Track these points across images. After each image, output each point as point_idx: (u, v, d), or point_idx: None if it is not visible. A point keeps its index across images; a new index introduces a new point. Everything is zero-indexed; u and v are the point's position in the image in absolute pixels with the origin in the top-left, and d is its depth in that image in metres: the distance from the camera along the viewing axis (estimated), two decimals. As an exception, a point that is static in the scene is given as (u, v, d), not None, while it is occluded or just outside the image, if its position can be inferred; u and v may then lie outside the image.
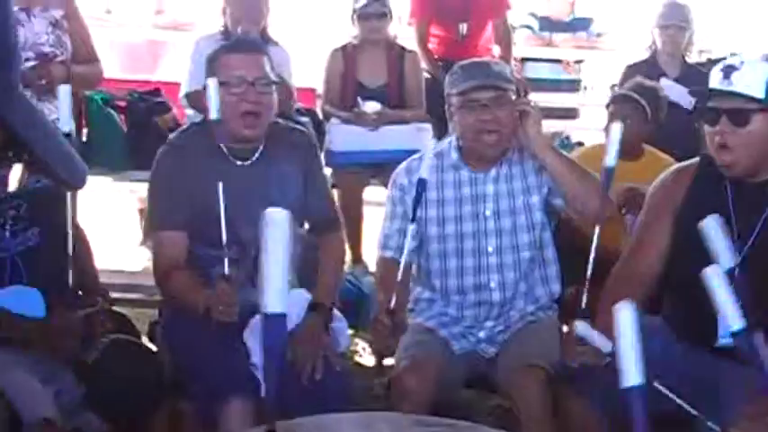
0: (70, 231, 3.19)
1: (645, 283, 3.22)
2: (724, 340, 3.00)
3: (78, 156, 2.61)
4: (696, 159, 3.30)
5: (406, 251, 3.28)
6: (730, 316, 2.42)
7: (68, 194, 3.24)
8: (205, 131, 3.38)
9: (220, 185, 3.12)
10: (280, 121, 3.52)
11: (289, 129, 3.56)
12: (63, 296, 3.16)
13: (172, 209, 3.36)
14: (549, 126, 7.21)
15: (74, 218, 3.54)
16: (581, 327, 2.85)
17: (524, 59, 7.82)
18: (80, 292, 3.35)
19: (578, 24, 7.94)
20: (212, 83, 3.21)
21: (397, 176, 3.58)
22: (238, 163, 3.39)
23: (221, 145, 3.35)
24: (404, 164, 3.61)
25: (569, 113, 8.01)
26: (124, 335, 3.35)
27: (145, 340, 3.73)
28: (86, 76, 4.59)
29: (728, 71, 3.01)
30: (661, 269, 3.21)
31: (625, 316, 2.01)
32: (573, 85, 8.11)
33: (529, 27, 7.87)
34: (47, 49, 4.32)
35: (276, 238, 1.97)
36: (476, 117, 3.42)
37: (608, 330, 3.08)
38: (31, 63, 4.24)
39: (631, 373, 1.95)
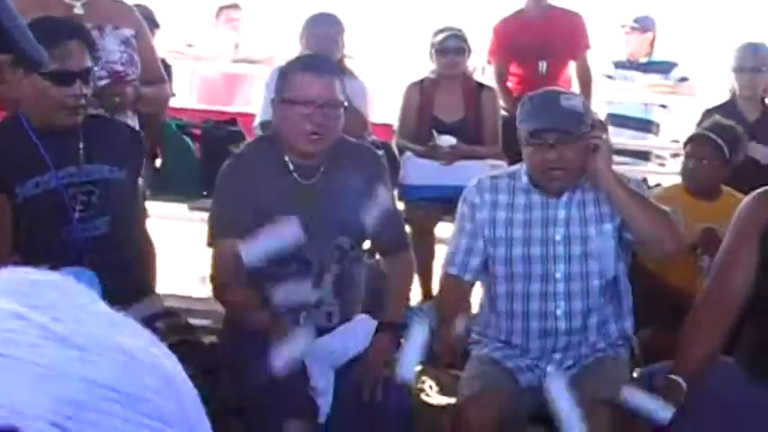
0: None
1: (731, 310, 3.12)
2: None
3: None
4: None
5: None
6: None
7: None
8: (271, 145, 3.37)
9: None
10: (350, 139, 3.47)
11: (356, 146, 3.52)
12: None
13: (233, 217, 3.31)
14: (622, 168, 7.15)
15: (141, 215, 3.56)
16: (629, 394, 2.69)
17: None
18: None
19: (656, 67, 7.84)
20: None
21: (468, 194, 3.53)
22: (303, 181, 3.34)
23: (287, 160, 3.32)
24: (475, 180, 3.57)
25: (642, 155, 7.90)
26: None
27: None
28: (155, 98, 4.60)
29: None
30: (747, 293, 3.10)
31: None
32: (648, 126, 8.00)
33: (609, 77, 7.79)
34: (119, 67, 4.33)
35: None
36: (542, 156, 3.36)
37: (690, 364, 3.05)
38: (104, 81, 4.25)
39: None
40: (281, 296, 3.16)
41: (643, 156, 7.93)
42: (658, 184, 5.65)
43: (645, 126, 7.99)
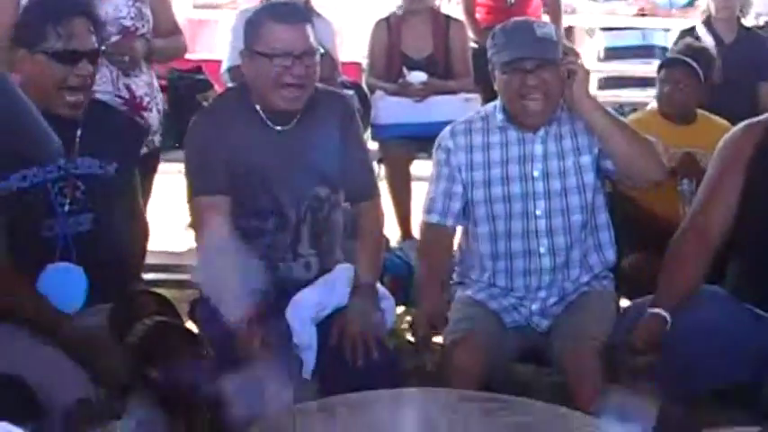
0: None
1: (713, 241, 3.15)
2: None
3: None
4: (766, 115, 3.24)
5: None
6: None
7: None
8: (241, 96, 3.28)
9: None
10: (319, 85, 3.39)
11: (327, 92, 3.43)
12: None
13: (210, 173, 3.23)
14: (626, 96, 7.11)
15: (141, 207, 3.47)
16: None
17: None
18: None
19: None
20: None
21: (442, 139, 3.48)
22: (277, 128, 3.25)
23: (259, 109, 3.24)
24: (449, 126, 3.51)
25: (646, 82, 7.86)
26: (166, 317, 3.26)
27: (188, 323, 3.65)
28: (168, 50, 4.52)
29: None
30: (730, 226, 3.12)
31: None
32: (650, 52, 7.95)
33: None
34: (128, 22, 4.24)
35: None
36: (520, 82, 3.30)
37: (672, 296, 3.03)
38: (114, 38, 4.15)
39: None
40: (260, 251, 3.12)
41: (648, 82, 7.88)
42: (635, 110, 5.62)
43: (646, 52, 7.93)
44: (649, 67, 7.52)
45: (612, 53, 8.27)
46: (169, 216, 5.08)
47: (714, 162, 3.23)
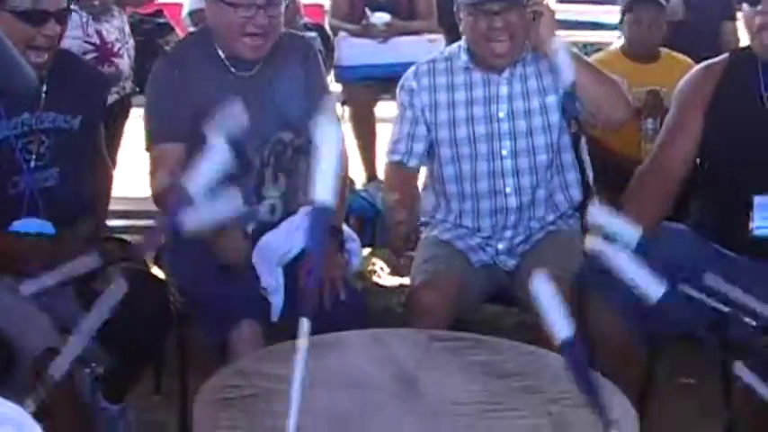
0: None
1: (673, 179, 3.16)
2: (761, 231, 2.96)
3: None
4: (724, 56, 3.22)
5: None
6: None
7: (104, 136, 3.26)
8: (203, 41, 3.25)
9: None
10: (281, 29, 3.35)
11: (289, 35, 3.39)
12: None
13: (169, 120, 3.20)
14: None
15: (105, 155, 3.43)
16: (596, 211, 2.61)
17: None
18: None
19: None
20: None
21: (406, 80, 3.47)
22: (240, 74, 3.23)
23: (221, 54, 3.21)
24: (412, 67, 3.49)
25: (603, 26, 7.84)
26: (131, 263, 3.24)
27: (153, 269, 3.63)
28: None
29: None
30: (690, 166, 3.14)
31: (541, 284, 2.00)
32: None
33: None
34: None
35: (331, 135, 2.00)
36: (487, 24, 3.29)
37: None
38: None
39: (561, 329, 1.92)
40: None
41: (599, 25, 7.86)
42: (598, 49, 5.61)
43: None
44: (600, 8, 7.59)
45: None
46: (129, 161, 5.03)
47: (674, 102, 3.24)
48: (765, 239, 2.94)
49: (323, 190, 1.93)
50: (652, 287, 1.96)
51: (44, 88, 3.07)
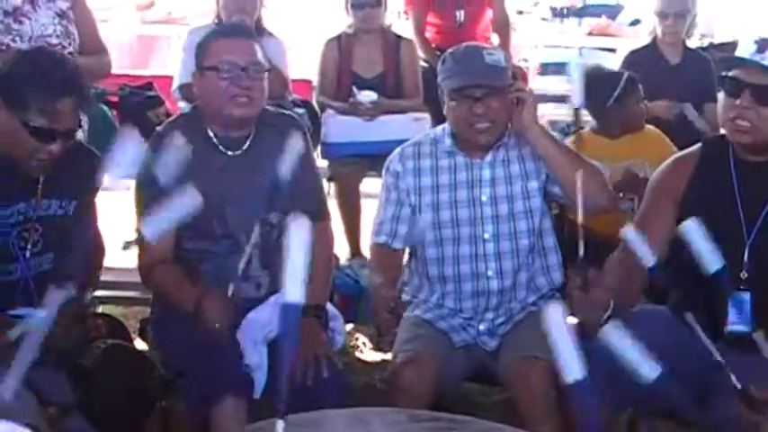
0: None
1: (645, 270, 3.13)
2: (735, 327, 2.94)
3: None
4: (697, 147, 3.21)
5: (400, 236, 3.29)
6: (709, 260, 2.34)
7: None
8: (194, 121, 3.30)
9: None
10: (269, 108, 3.42)
11: (277, 114, 3.46)
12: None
13: (159, 203, 3.24)
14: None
15: (97, 229, 3.45)
16: (630, 232, 2.67)
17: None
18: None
19: (595, 11, 7.81)
20: None
21: (391, 163, 3.51)
22: (229, 153, 3.28)
23: (211, 134, 3.26)
24: (398, 149, 3.53)
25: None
26: (117, 339, 3.26)
27: (137, 341, 3.65)
28: (93, 68, 4.48)
29: (765, 45, 2.90)
30: (664, 253, 3.08)
31: (554, 314, 1.92)
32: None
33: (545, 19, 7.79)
34: (54, 40, 4.24)
35: (301, 233, 2.05)
36: (468, 109, 3.34)
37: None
38: None
39: (572, 368, 1.85)
40: (209, 272, 3.14)
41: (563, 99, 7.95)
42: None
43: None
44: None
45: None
46: (115, 233, 5.06)
47: (647, 194, 3.22)
48: (740, 336, 2.91)
49: (293, 288, 1.98)
50: (646, 368, 1.96)
51: (41, 178, 3.08)
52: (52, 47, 4.19)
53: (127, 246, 4.92)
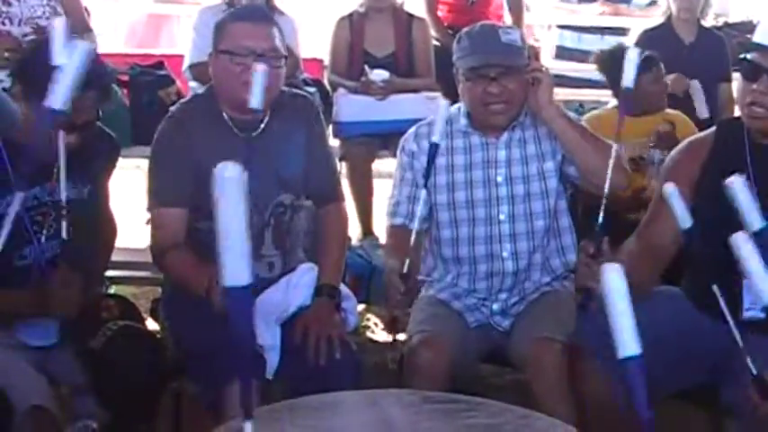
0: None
1: (661, 259, 3.13)
2: (750, 313, 2.91)
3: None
4: (711, 130, 3.21)
5: (417, 217, 3.18)
6: (762, 288, 2.14)
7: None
8: (208, 102, 3.27)
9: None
10: (283, 88, 3.39)
11: (291, 95, 3.42)
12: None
13: (173, 184, 3.22)
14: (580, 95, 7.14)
15: (110, 212, 3.45)
16: (671, 188, 2.60)
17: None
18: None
19: None
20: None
21: (406, 142, 3.48)
22: (243, 134, 3.24)
23: (225, 116, 3.23)
24: (412, 129, 3.50)
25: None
26: (128, 320, 3.25)
27: (149, 321, 3.65)
28: None
29: None
30: (678, 245, 3.07)
31: (614, 278, 1.67)
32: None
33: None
34: (43, 22, 4.24)
35: (232, 198, 1.63)
36: (483, 89, 3.31)
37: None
38: (30, 37, 4.15)
39: (628, 343, 1.65)
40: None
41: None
42: (594, 107, 5.64)
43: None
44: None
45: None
46: (127, 213, 5.05)
47: (662, 177, 3.19)
48: (755, 322, 2.89)
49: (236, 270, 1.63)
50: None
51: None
52: (42, 28, 4.19)
53: (149, 222, 4.92)
